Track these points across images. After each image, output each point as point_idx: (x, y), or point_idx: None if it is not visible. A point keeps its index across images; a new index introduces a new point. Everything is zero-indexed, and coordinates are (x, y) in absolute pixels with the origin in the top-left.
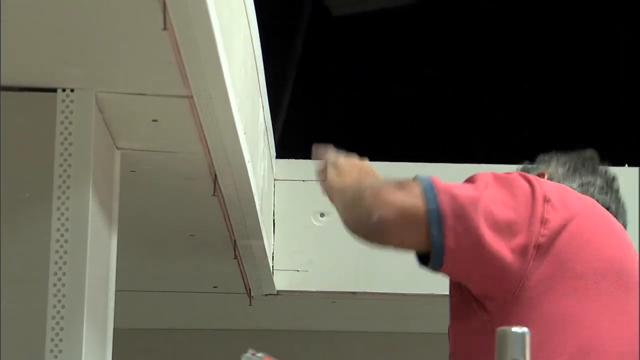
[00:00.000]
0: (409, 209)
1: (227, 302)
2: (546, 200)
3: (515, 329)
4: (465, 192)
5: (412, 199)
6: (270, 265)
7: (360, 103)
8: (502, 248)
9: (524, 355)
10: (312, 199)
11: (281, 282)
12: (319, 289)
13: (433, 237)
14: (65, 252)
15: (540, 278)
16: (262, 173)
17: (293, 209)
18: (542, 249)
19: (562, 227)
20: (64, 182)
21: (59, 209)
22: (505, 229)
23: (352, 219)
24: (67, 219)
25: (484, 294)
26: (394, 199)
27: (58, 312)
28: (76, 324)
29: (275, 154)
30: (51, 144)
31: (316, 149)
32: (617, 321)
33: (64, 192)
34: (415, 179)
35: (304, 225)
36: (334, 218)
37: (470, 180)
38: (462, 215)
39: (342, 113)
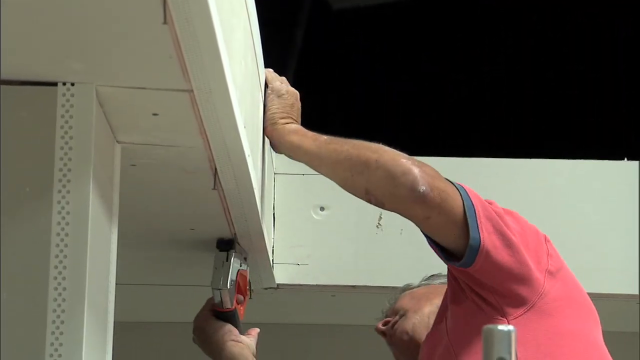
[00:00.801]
0: (449, 195)
1: None
2: (547, 240)
3: (501, 327)
4: (488, 204)
5: (451, 189)
6: (270, 258)
7: (361, 98)
8: (527, 256)
9: (510, 353)
10: (312, 192)
11: (281, 275)
12: (319, 283)
13: (472, 231)
14: (66, 245)
15: (554, 297)
16: (262, 167)
17: (293, 203)
18: (552, 274)
19: (561, 267)
20: (65, 175)
21: (59, 202)
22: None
23: (382, 185)
24: (67, 213)
25: (503, 293)
26: (438, 181)
27: (59, 305)
28: (77, 318)
29: None
30: (51, 137)
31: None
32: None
33: (64, 186)
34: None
35: (304, 219)
36: (334, 212)
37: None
38: (492, 218)
39: (342, 108)
